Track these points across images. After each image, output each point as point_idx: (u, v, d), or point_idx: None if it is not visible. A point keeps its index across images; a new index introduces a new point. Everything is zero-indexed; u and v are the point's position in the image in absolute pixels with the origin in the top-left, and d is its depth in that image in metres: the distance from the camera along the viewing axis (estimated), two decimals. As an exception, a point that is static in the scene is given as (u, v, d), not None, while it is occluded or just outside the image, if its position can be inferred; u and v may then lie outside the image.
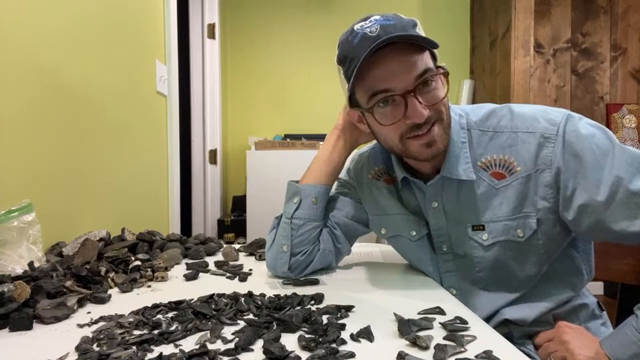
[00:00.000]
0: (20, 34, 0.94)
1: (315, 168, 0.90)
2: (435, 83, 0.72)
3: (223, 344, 0.54)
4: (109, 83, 1.34)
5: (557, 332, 0.73)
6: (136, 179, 1.55)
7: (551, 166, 0.71)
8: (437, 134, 0.73)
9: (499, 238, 0.77)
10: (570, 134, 0.71)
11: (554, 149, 0.71)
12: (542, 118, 0.74)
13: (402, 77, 0.69)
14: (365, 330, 0.57)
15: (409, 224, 0.87)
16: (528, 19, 2.71)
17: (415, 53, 0.69)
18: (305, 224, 0.87)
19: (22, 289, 0.65)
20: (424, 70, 0.70)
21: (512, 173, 0.75)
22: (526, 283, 0.79)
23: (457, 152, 0.78)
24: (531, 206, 0.74)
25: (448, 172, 0.77)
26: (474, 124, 0.79)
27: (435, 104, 0.72)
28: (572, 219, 0.71)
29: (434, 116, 0.72)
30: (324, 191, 0.89)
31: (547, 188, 0.72)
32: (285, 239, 0.86)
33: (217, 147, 3.01)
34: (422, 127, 0.72)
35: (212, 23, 2.94)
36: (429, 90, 0.71)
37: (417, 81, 0.70)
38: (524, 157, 0.74)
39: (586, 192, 0.69)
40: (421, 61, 0.70)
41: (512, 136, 0.75)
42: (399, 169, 0.84)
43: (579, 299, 0.81)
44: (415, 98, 0.70)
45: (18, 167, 0.93)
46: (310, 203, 0.87)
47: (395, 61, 0.69)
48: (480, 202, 0.77)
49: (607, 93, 2.77)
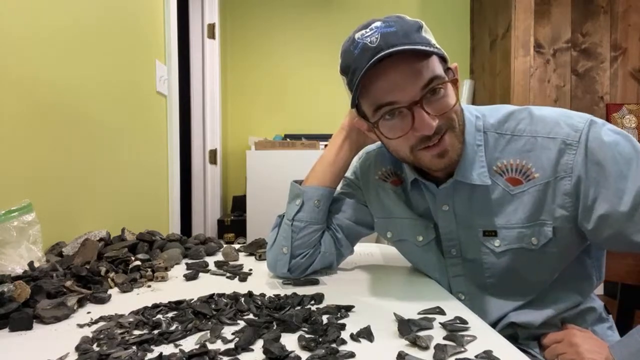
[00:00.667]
0: (20, 34, 0.94)
1: (320, 169, 0.88)
2: (444, 90, 0.68)
3: (223, 344, 0.54)
4: (109, 83, 1.34)
5: (566, 334, 0.72)
6: (136, 179, 1.55)
7: (572, 174, 0.68)
8: (449, 144, 0.70)
9: (512, 245, 0.74)
10: (593, 142, 0.68)
11: (576, 157, 0.68)
12: (564, 123, 0.71)
13: (407, 88, 0.66)
14: (365, 330, 0.57)
15: (416, 228, 0.84)
16: (528, 19, 2.71)
17: (420, 60, 0.66)
18: (307, 226, 0.86)
19: (22, 289, 0.65)
20: (430, 78, 0.66)
21: (529, 179, 0.72)
22: (536, 289, 0.77)
23: (472, 155, 0.75)
24: (548, 214, 0.71)
25: (462, 177, 0.75)
26: (490, 126, 0.76)
27: (445, 113, 0.68)
28: (591, 229, 0.69)
29: (444, 125, 0.69)
30: (327, 194, 0.87)
31: (567, 197, 0.69)
32: (286, 240, 0.85)
33: (217, 147, 3.01)
34: (432, 139, 0.69)
35: (212, 23, 2.94)
36: (437, 99, 0.68)
37: (423, 91, 0.66)
38: (543, 163, 0.71)
39: (607, 203, 0.66)
40: (427, 69, 0.66)
41: (531, 141, 0.72)
42: (410, 171, 0.81)
43: (586, 302, 0.80)
44: (422, 109, 0.67)
45: (18, 167, 0.93)
46: (313, 206, 0.86)
47: (398, 72, 0.66)
48: (494, 207, 0.75)
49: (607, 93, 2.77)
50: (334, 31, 3.23)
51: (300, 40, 3.37)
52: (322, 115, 3.30)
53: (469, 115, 0.76)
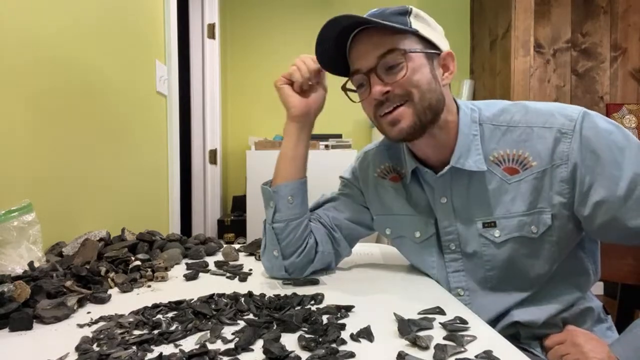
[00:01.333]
0: (21, 33, 0.94)
1: (283, 167, 0.88)
2: (406, 63, 0.72)
3: (223, 344, 0.54)
4: (109, 83, 1.34)
5: (568, 335, 0.73)
6: (136, 179, 1.55)
7: (567, 162, 0.71)
8: (401, 114, 0.74)
9: (513, 234, 0.76)
10: (587, 130, 0.71)
11: (571, 145, 0.71)
12: (558, 114, 0.74)
13: (367, 57, 0.74)
14: (365, 330, 0.57)
15: (414, 224, 0.86)
16: (528, 19, 2.71)
17: (386, 35, 0.73)
18: (287, 225, 0.85)
19: (22, 289, 0.65)
20: (389, 49, 0.72)
21: (526, 168, 0.74)
22: (536, 282, 0.78)
23: (467, 144, 0.77)
24: (546, 202, 0.74)
25: (457, 163, 0.77)
26: (486, 118, 0.79)
27: (398, 82, 0.73)
28: (587, 215, 0.71)
29: (399, 96, 0.73)
30: (298, 186, 0.87)
31: (563, 183, 0.72)
32: (273, 244, 0.85)
33: (217, 147, 3.01)
34: (385, 104, 0.75)
35: (212, 23, 2.94)
36: (394, 71, 0.73)
37: (379, 60, 0.73)
38: (540, 151, 0.73)
39: (603, 188, 0.69)
40: (389, 42, 0.72)
41: (527, 131, 0.75)
42: (410, 159, 0.83)
43: (585, 302, 0.81)
44: (375, 75, 0.74)
45: (18, 167, 0.93)
46: (287, 203, 0.85)
47: (363, 44, 0.75)
48: (492, 197, 0.77)
49: (607, 93, 2.77)
50: (334, 31, 3.23)
51: (300, 40, 3.37)
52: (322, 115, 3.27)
53: (464, 108, 0.80)
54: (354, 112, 3.43)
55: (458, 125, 0.78)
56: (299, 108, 0.88)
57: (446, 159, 0.79)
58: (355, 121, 3.38)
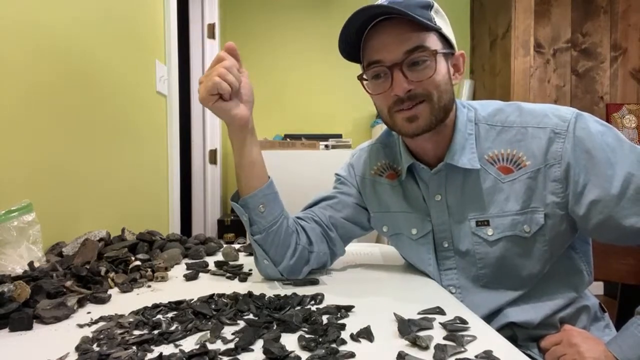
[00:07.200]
0: (20, 33, 0.93)
1: (245, 177, 0.82)
2: (429, 63, 0.72)
3: (223, 344, 0.54)
4: (109, 83, 1.34)
5: (564, 335, 0.73)
6: (136, 179, 1.55)
7: (561, 161, 0.72)
8: (421, 112, 0.74)
9: (506, 233, 0.76)
10: (580, 131, 0.72)
11: (564, 145, 0.72)
12: (552, 114, 0.75)
13: (393, 50, 0.72)
14: (365, 330, 0.57)
15: (411, 222, 0.86)
16: (528, 19, 2.71)
17: (413, 30, 0.71)
18: (268, 234, 0.81)
19: (22, 289, 0.65)
20: (417, 46, 0.71)
21: (520, 167, 0.75)
22: (528, 282, 0.78)
23: (462, 142, 0.78)
24: (539, 201, 0.74)
25: (452, 159, 0.78)
26: (482, 118, 0.80)
27: (422, 82, 0.72)
28: (582, 215, 0.72)
29: (420, 95, 0.73)
30: (265, 192, 0.82)
31: (557, 183, 0.73)
32: (261, 255, 0.82)
33: (217, 147, 3.01)
34: (406, 103, 0.74)
35: (212, 23, 2.94)
36: (420, 68, 0.72)
37: (405, 55, 0.71)
38: (534, 151, 0.74)
39: (598, 188, 0.70)
40: (417, 38, 0.71)
41: (522, 131, 0.76)
42: (407, 155, 0.84)
43: (581, 301, 0.81)
44: (400, 71, 0.72)
45: (18, 167, 0.93)
46: (259, 213, 0.80)
47: (388, 35, 0.72)
48: (486, 196, 0.77)
49: (607, 93, 2.77)
50: (334, 32, 3.22)
51: (300, 41, 3.38)
52: (322, 115, 3.30)
53: (461, 107, 0.81)
54: (354, 112, 3.45)
55: (455, 123, 0.79)
56: (243, 116, 0.81)
57: (442, 155, 0.80)
58: (355, 121, 3.38)
